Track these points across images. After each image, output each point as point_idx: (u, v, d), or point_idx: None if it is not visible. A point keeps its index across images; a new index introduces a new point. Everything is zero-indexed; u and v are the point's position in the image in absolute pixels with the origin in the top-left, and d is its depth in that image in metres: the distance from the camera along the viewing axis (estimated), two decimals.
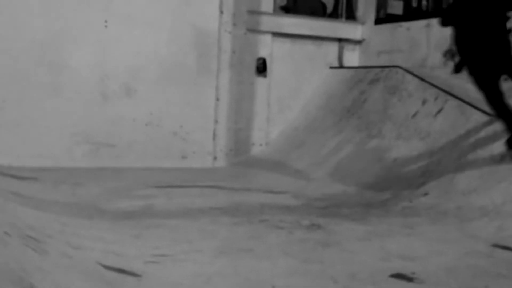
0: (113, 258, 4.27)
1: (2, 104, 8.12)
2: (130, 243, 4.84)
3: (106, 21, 8.62)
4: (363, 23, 10.32)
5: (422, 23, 9.27)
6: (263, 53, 9.48)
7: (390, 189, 6.89)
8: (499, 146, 6.40)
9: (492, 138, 6.64)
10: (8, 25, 8.14)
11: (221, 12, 9.21)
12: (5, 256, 2.98)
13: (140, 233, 5.20)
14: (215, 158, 9.34)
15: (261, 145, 9.49)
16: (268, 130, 9.54)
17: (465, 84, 8.19)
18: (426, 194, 6.44)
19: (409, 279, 4.12)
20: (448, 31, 8.68)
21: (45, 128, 8.31)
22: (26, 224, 4.31)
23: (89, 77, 8.59)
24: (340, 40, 10.17)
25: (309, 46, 9.88)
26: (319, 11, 10.21)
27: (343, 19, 10.35)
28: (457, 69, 6.02)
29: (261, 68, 9.44)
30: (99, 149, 8.64)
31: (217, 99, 9.29)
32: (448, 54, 8.04)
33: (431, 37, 9.02)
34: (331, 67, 10.10)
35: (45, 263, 3.38)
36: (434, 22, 9.00)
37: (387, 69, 9.11)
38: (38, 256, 3.44)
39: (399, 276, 4.17)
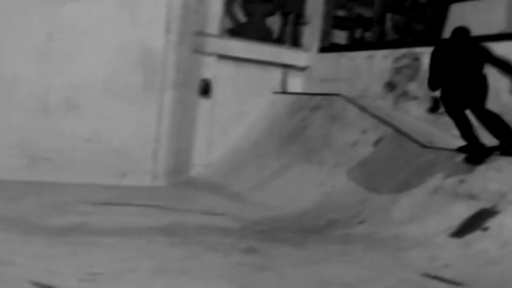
0: (46, 275, 4.19)
1: None
2: (64, 260, 4.76)
3: (50, 34, 8.51)
4: (307, 50, 10.48)
5: (365, 54, 9.48)
6: (207, 74, 9.49)
7: (328, 215, 6.97)
8: (435, 178, 6.58)
9: (428, 170, 6.82)
10: None
11: (168, 31, 9.22)
12: None
13: (75, 250, 5.12)
14: (155, 177, 9.28)
15: (202, 166, 9.47)
16: (210, 152, 9.52)
17: (404, 116, 8.42)
18: (362, 222, 6.55)
19: None
20: (388, 64, 8.97)
21: None
22: None
23: (30, 89, 8.45)
24: (284, 66, 10.29)
25: (254, 70, 9.95)
26: (265, 36, 10.31)
27: (288, 46, 10.48)
28: (433, 110, 6.87)
29: (205, 89, 9.46)
30: (38, 163, 8.48)
31: (160, 118, 9.26)
32: (388, 86, 8.26)
33: (373, 68, 9.24)
34: (275, 92, 10.20)
35: None
36: (376, 53, 9.26)
37: (329, 97, 9.26)
38: None
39: None
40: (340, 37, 10.62)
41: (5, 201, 6.89)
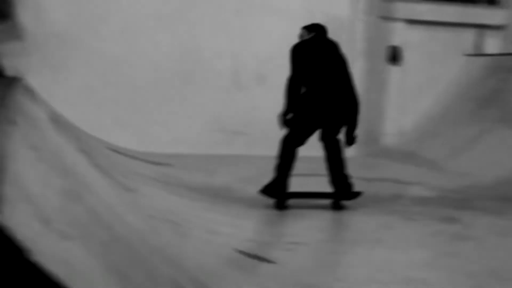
0: (249, 244, 4.35)
1: (140, 90, 8.47)
2: (265, 230, 4.93)
3: (238, 10, 8.76)
4: (505, 7, 9.80)
5: None
6: (396, 41, 9.27)
7: None
8: None
9: None
10: (143, 13, 8.46)
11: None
12: (157, 239, 3.11)
13: (275, 220, 5.28)
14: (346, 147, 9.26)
15: (393, 134, 9.32)
16: (400, 120, 9.33)
17: None
18: None
19: None
20: None
21: (181, 115, 8.59)
22: (165, 208, 4.48)
23: (222, 66, 8.77)
24: (478, 26, 9.75)
25: (445, 33, 9.54)
26: None
27: (483, 4, 9.88)
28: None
29: (394, 56, 9.26)
30: (233, 137, 8.82)
31: None
32: None
33: None
34: (468, 55, 9.72)
35: (187, 246, 3.50)
36: None
37: None
38: (180, 240, 3.57)
39: None
40: None
41: (205, 174, 7.24)
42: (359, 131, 9.24)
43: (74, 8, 8.36)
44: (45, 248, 1.32)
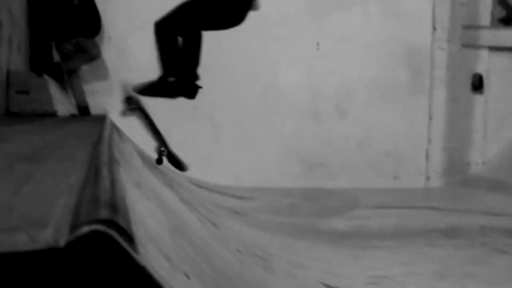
0: (334, 278, 4.31)
1: (220, 125, 8.60)
2: (348, 263, 4.86)
3: (318, 44, 8.81)
4: None
5: None
6: (479, 68, 9.09)
7: None
8: None
9: None
10: (226, 46, 8.61)
11: (434, 28, 9.01)
12: (249, 274, 3.12)
13: (357, 253, 5.20)
14: (428, 178, 9.10)
15: (477, 164, 9.09)
16: (485, 149, 9.10)
17: None
18: None
19: None
20: None
21: (260, 148, 8.66)
22: (251, 242, 4.49)
23: (301, 98, 8.82)
24: None
25: None
26: None
27: None
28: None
29: (477, 84, 9.06)
30: (311, 170, 8.81)
31: (430, 118, 9.08)
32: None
33: None
34: None
35: (275, 281, 3.50)
36: None
37: None
38: (268, 274, 3.57)
39: None
40: None
41: (286, 207, 7.25)
42: (443, 161, 9.11)
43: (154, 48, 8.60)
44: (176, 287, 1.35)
